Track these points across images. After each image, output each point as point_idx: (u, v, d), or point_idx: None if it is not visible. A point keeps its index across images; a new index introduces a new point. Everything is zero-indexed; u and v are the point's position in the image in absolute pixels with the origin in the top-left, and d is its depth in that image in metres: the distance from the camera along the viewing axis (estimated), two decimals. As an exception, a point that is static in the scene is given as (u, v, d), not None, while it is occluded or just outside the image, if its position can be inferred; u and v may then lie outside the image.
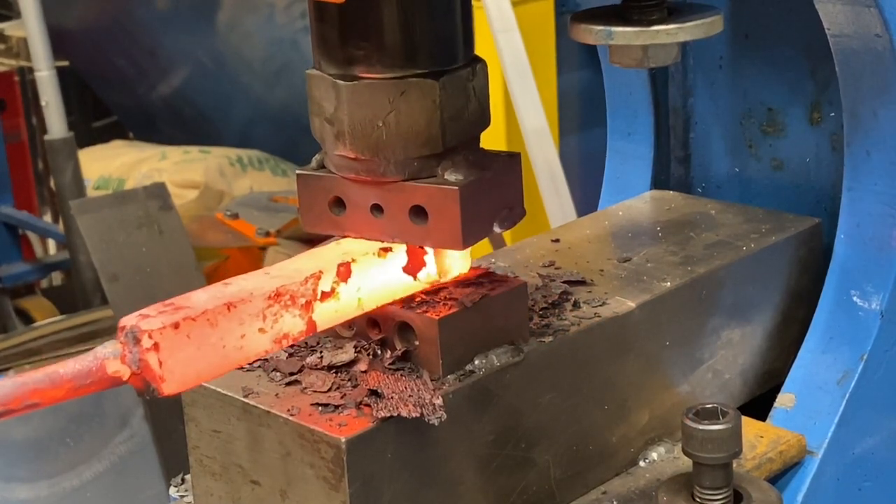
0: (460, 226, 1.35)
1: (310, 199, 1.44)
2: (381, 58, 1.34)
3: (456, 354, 1.39)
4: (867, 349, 1.66)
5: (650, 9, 1.51)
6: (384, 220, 1.39)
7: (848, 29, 1.59)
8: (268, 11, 6.69)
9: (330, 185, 1.42)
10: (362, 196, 1.40)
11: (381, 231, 1.40)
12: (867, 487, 1.71)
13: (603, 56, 1.99)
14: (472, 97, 1.40)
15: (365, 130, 1.35)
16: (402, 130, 1.35)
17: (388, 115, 1.35)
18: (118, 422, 3.49)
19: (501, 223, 1.42)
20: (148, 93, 7.49)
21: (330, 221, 1.43)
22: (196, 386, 1.25)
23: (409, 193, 1.37)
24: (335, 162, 1.40)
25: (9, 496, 3.37)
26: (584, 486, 1.54)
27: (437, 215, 1.36)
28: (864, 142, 1.66)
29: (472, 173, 1.38)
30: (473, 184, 1.37)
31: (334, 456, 1.28)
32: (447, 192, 1.36)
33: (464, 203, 1.35)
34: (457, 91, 1.37)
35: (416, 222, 1.38)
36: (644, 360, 1.59)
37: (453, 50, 1.38)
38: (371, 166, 1.37)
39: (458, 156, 1.39)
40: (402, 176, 1.37)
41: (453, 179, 1.36)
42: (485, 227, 1.41)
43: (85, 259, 5.10)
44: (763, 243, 1.77)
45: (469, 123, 1.40)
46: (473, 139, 1.43)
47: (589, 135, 4.83)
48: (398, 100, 1.34)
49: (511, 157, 1.45)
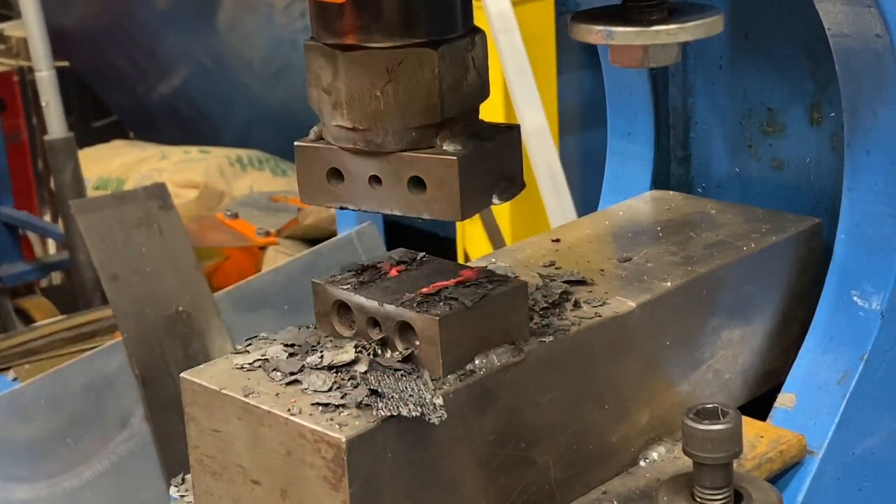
0: (459, 196, 1.34)
1: (308, 171, 1.43)
2: (379, 27, 1.32)
3: (456, 354, 1.39)
4: (867, 349, 1.66)
5: (650, 9, 1.51)
6: (382, 191, 1.38)
7: (848, 29, 1.59)
8: (267, 11, 6.69)
9: (328, 156, 1.41)
10: (360, 167, 1.39)
11: (379, 202, 1.39)
12: (867, 487, 1.71)
13: (603, 56, 1.99)
14: (471, 67, 1.38)
15: (363, 100, 1.34)
16: (400, 100, 1.34)
17: (386, 85, 1.33)
18: (118, 422, 3.49)
19: (501, 195, 1.41)
20: (148, 93, 7.50)
21: (328, 193, 1.42)
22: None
23: (408, 164, 1.36)
24: (333, 133, 1.39)
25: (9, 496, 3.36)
26: (584, 485, 1.54)
27: (435, 186, 1.35)
28: (864, 142, 1.66)
29: (471, 144, 1.37)
30: (472, 154, 1.36)
31: (335, 456, 1.28)
32: (446, 163, 1.35)
33: (463, 173, 1.34)
34: (456, 61, 1.36)
35: (414, 193, 1.36)
36: (644, 359, 1.60)
37: (452, 19, 1.37)
38: (369, 137, 1.36)
39: (457, 126, 1.38)
40: (401, 146, 1.36)
41: (452, 150, 1.35)
42: (484, 198, 1.39)
43: (85, 259, 5.11)
44: (763, 243, 1.77)
45: (468, 94, 1.39)
46: (472, 110, 1.41)
47: (589, 135, 4.83)
48: (396, 69, 1.33)
49: (511, 128, 1.44)
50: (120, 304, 3.56)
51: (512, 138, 1.43)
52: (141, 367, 3.48)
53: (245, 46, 6.85)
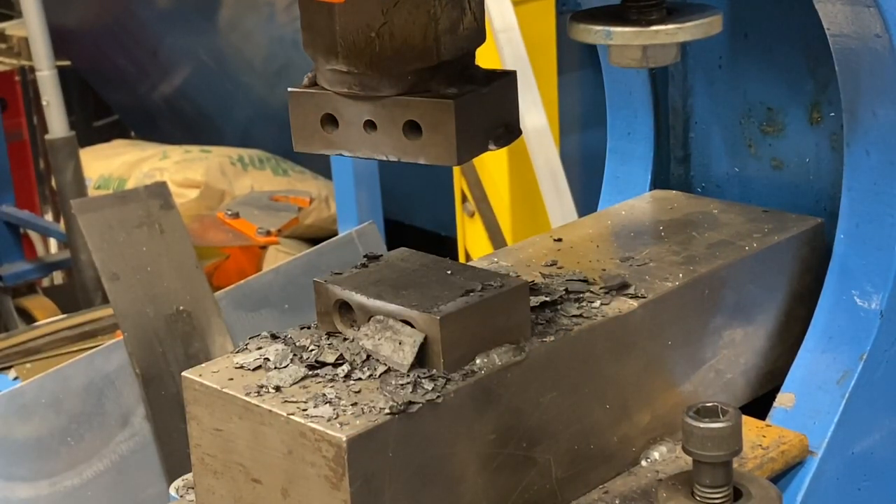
0: (455, 140, 1.33)
1: (301, 118, 1.41)
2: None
3: (457, 353, 1.39)
4: (867, 349, 1.67)
5: (649, 9, 1.51)
6: (377, 136, 1.37)
7: (848, 29, 1.59)
8: (269, 11, 6.70)
9: (322, 101, 1.39)
10: (355, 112, 1.37)
11: (375, 148, 1.37)
12: (867, 487, 1.72)
13: (603, 56, 2.00)
14: (467, 10, 1.36)
15: (358, 43, 1.32)
16: (395, 43, 1.32)
17: (381, 27, 1.31)
18: (119, 421, 3.49)
19: (497, 141, 1.39)
20: (149, 92, 7.50)
21: (322, 140, 1.41)
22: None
23: (403, 108, 1.35)
24: (327, 77, 1.37)
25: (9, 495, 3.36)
26: (585, 485, 1.54)
27: (431, 130, 1.34)
28: (863, 142, 1.66)
29: (468, 88, 1.35)
30: (469, 98, 1.34)
31: (335, 455, 1.28)
32: (442, 105, 1.33)
33: (459, 116, 1.33)
34: (452, 3, 1.34)
35: (410, 138, 1.35)
36: (646, 359, 1.60)
37: None
38: (364, 80, 1.35)
39: (454, 70, 1.36)
40: (396, 90, 1.34)
41: (448, 93, 1.34)
42: (480, 143, 1.38)
43: (86, 258, 5.11)
44: (765, 243, 1.77)
45: (464, 38, 1.37)
46: (469, 54, 1.40)
47: (589, 134, 4.83)
48: (392, 11, 1.31)
49: (507, 74, 1.42)
50: (121, 303, 3.56)
51: (509, 83, 1.41)
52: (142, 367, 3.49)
53: (246, 46, 6.86)
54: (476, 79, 1.38)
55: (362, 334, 1.41)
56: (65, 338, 4.60)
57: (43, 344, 4.57)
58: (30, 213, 6.44)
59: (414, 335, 1.38)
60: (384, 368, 1.38)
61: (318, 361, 1.42)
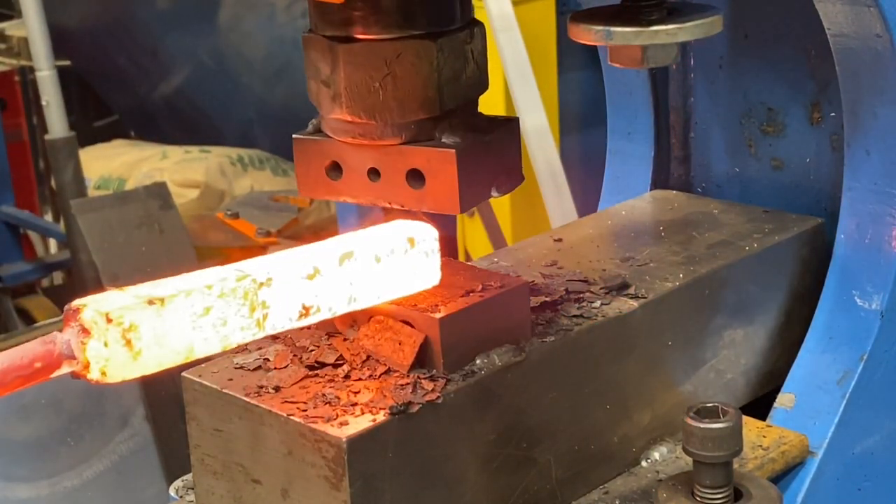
0: (458, 189, 1.34)
1: (306, 164, 1.43)
2: (377, 19, 1.32)
3: (457, 354, 1.39)
4: (867, 349, 1.66)
5: (650, 9, 1.51)
6: (381, 183, 1.38)
7: (848, 29, 1.59)
8: (268, 11, 6.70)
9: (327, 148, 1.41)
10: (359, 160, 1.39)
11: (378, 195, 1.39)
12: (867, 487, 1.71)
13: (603, 56, 2.00)
14: (470, 60, 1.38)
15: (361, 93, 1.34)
16: (399, 93, 1.34)
17: (384, 78, 1.33)
18: (119, 421, 3.49)
19: (499, 188, 1.41)
20: (149, 92, 7.50)
21: (326, 186, 1.42)
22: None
23: (407, 156, 1.36)
24: (332, 125, 1.39)
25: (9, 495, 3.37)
26: (585, 485, 1.54)
27: (434, 178, 1.35)
28: (863, 141, 1.66)
29: (470, 136, 1.36)
30: (471, 146, 1.36)
31: (335, 455, 1.28)
32: (445, 155, 1.34)
33: (461, 165, 1.34)
34: (454, 53, 1.36)
35: (413, 186, 1.36)
36: (646, 359, 1.60)
37: (451, 11, 1.37)
38: (368, 129, 1.36)
39: (456, 119, 1.37)
40: (400, 139, 1.36)
41: (451, 142, 1.35)
42: (483, 190, 1.39)
43: (86, 258, 5.10)
44: (766, 243, 1.77)
45: (467, 86, 1.38)
46: (471, 102, 1.41)
47: (589, 135, 4.83)
48: (395, 62, 1.33)
49: (509, 121, 1.43)
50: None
51: (511, 131, 1.43)
52: (142, 367, 3.48)
53: (246, 46, 6.86)
54: (478, 126, 1.40)
55: (362, 334, 1.41)
56: (64, 338, 4.59)
57: (43, 344, 4.56)
58: (29, 213, 6.44)
59: (414, 335, 1.38)
60: (384, 369, 1.38)
61: (318, 362, 1.42)
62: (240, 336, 1.26)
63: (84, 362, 1.15)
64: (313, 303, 1.31)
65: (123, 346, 1.17)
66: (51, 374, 1.16)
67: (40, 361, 1.15)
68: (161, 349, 1.20)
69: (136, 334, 1.17)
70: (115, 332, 1.16)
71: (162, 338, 1.19)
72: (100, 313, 1.16)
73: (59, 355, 1.15)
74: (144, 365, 1.19)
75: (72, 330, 1.16)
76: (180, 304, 1.21)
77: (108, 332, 1.15)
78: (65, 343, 1.15)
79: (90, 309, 1.16)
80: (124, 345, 1.17)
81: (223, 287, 1.24)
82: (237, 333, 1.25)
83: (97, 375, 1.16)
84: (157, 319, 1.19)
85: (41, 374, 1.15)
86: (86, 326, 1.15)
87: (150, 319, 1.19)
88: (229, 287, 1.25)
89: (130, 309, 1.17)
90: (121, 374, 1.18)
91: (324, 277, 1.32)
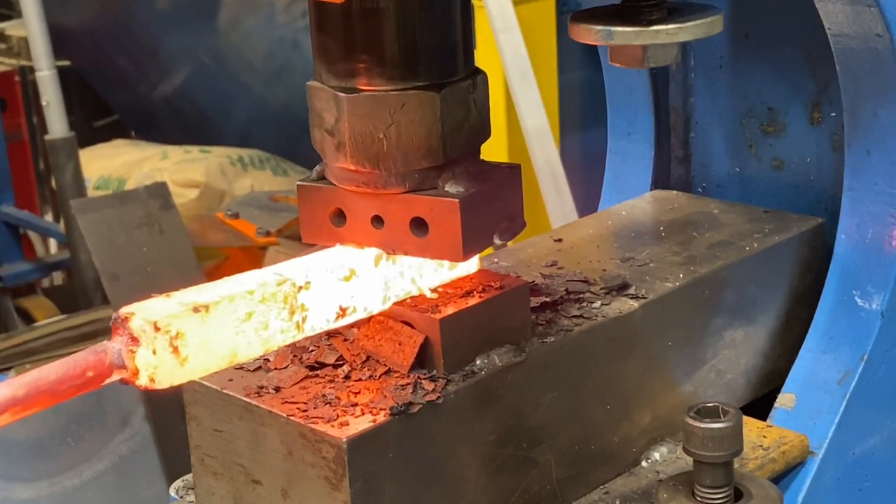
0: (461, 237, 1.36)
1: (310, 211, 1.45)
2: (381, 70, 1.35)
3: (458, 354, 1.39)
4: (868, 349, 1.66)
5: (650, 9, 1.51)
6: (385, 231, 1.40)
7: (848, 29, 1.59)
8: (268, 11, 6.70)
9: (330, 196, 1.42)
10: (363, 207, 1.41)
11: (382, 242, 1.41)
12: (867, 488, 1.71)
13: (603, 56, 1.99)
14: (472, 109, 1.40)
15: (366, 142, 1.36)
16: (402, 143, 1.36)
17: (388, 128, 1.35)
18: (119, 421, 3.50)
19: (502, 235, 1.43)
20: (149, 92, 7.50)
21: (330, 232, 1.44)
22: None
23: (410, 205, 1.38)
24: (336, 173, 1.41)
25: (9, 496, 3.37)
26: (586, 485, 1.54)
27: (437, 227, 1.37)
28: (864, 141, 1.66)
29: (473, 185, 1.38)
30: (474, 196, 1.38)
31: (335, 456, 1.28)
32: (448, 204, 1.36)
33: (464, 215, 1.36)
34: (458, 103, 1.38)
35: (416, 234, 1.38)
36: (646, 360, 1.60)
37: (454, 62, 1.39)
38: (372, 178, 1.38)
39: (459, 168, 1.39)
40: (403, 188, 1.38)
41: (454, 191, 1.37)
42: (485, 238, 1.41)
43: (86, 258, 5.10)
44: (766, 243, 1.77)
45: (470, 135, 1.41)
46: (474, 151, 1.43)
47: (590, 134, 4.83)
48: (399, 112, 1.35)
49: (511, 168, 1.46)
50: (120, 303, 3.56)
51: (513, 178, 1.45)
52: (142, 367, 3.48)
53: (246, 46, 6.86)
54: (481, 174, 1.41)
55: (362, 335, 1.41)
56: (64, 338, 4.61)
57: (43, 344, 4.57)
58: (29, 213, 6.43)
59: (414, 336, 1.38)
60: (384, 369, 1.38)
61: (319, 362, 1.42)
62: (280, 339, 1.31)
63: (133, 370, 1.19)
64: (350, 304, 1.38)
65: (171, 353, 1.22)
66: (102, 382, 1.19)
67: (92, 370, 1.19)
68: (206, 355, 1.25)
69: (183, 341, 1.22)
70: (162, 340, 1.21)
71: (207, 344, 1.24)
72: (148, 322, 1.20)
73: (110, 364, 1.19)
74: (191, 370, 1.24)
75: (121, 338, 1.19)
76: (224, 311, 1.25)
77: (156, 340, 1.21)
78: (115, 352, 1.19)
79: (138, 318, 1.20)
80: (172, 352, 1.22)
81: (264, 292, 1.29)
82: (278, 336, 1.31)
83: (146, 382, 1.21)
84: (202, 326, 1.23)
85: (93, 383, 1.20)
86: (135, 335, 1.19)
87: (196, 327, 1.23)
88: (270, 291, 1.30)
89: (177, 317, 1.22)
90: (168, 380, 1.23)
91: (359, 279, 1.38)
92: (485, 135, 1.43)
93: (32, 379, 1.17)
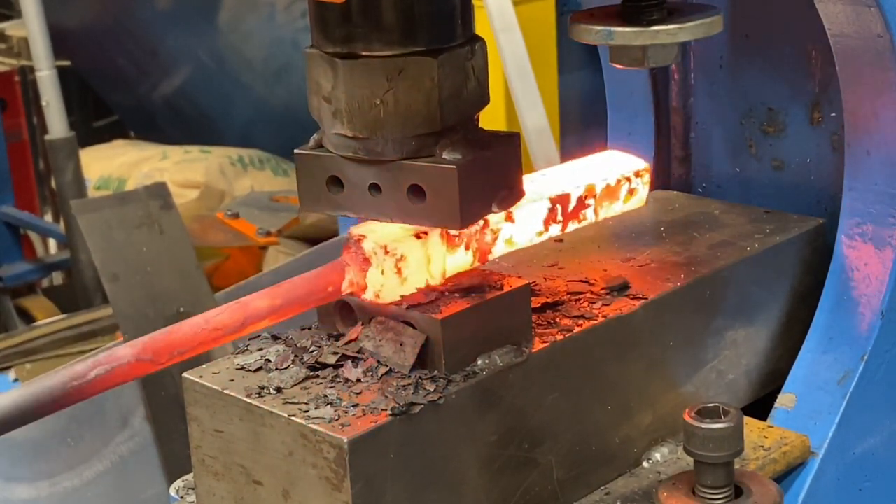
0: (459, 205, 1.35)
1: (308, 179, 1.43)
2: (378, 36, 1.33)
3: (459, 355, 1.39)
4: (868, 349, 1.66)
5: (650, 9, 1.51)
6: (382, 199, 1.39)
7: (848, 29, 1.59)
8: (269, 11, 6.69)
9: (328, 164, 1.41)
10: (360, 175, 1.39)
11: (379, 210, 1.40)
12: (867, 488, 1.71)
13: (603, 56, 2.00)
14: (470, 76, 1.39)
15: (363, 109, 1.35)
16: (400, 109, 1.35)
17: (385, 94, 1.34)
18: (119, 422, 3.49)
19: (500, 203, 1.42)
20: (149, 92, 7.50)
21: (327, 201, 1.43)
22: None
23: (407, 172, 1.37)
24: (333, 141, 1.40)
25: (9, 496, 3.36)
26: (587, 486, 1.54)
27: (435, 194, 1.36)
28: (864, 141, 1.66)
29: (471, 152, 1.37)
30: (472, 163, 1.37)
31: (336, 456, 1.28)
32: (445, 171, 1.35)
33: (462, 182, 1.35)
34: (455, 69, 1.37)
35: (414, 202, 1.37)
36: (647, 360, 1.60)
37: (452, 28, 1.37)
38: (369, 145, 1.37)
39: (457, 135, 1.38)
40: (400, 155, 1.37)
41: (451, 158, 1.36)
42: (484, 206, 1.40)
43: (86, 258, 5.10)
44: (767, 244, 1.77)
45: (468, 102, 1.39)
46: (472, 118, 1.42)
47: (590, 134, 4.82)
48: (396, 78, 1.34)
49: (510, 136, 1.44)
50: (120, 303, 3.56)
51: (512, 146, 1.44)
52: (142, 367, 3.48)
53: (246, 46, 6.85)
54: (479, 142, 1.41)
55: (363, 335, 1.41)
56: (64, 338, 4.61)
57: (42, 344, 4.57)
58: (29, 213, 6.43)
59: (415, 336, 1.38)
60: (385, 369, 1.38)
61: (319, 363, 1.42)
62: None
63: (362, 286, 1.38)
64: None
65: (395, 273, 1.40)
66: (336, 297, 1.40)
67: (332, 286, 1.38)
68: (420, 276, 1.42)
69: (405, 263, 1.40)
70: (390, 262, 1.39)
71: (422, 265, 1.42)
72: (378, 245, 1.39)
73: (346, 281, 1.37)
74: (407, 289, 1.41)
75: (354, 257, 1.38)
76: (434, 240, 1.43)
77: (385, 262, 1.39)
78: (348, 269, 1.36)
79: (370, 240, 1.38)
80: (395, 273, 1.40)
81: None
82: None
83: (371, 297, 1.39)
84: (420, 250, 1.41)
85: (332, 297, 1.39)
86: (366, 256, 1.38)
87: (416, 250, 1.41)
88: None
89: (401, 241, 1.40)
90: (390, 297, 1.40)
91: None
92: (483, 102, 1.42)
93: (286, 290, 1.35)
